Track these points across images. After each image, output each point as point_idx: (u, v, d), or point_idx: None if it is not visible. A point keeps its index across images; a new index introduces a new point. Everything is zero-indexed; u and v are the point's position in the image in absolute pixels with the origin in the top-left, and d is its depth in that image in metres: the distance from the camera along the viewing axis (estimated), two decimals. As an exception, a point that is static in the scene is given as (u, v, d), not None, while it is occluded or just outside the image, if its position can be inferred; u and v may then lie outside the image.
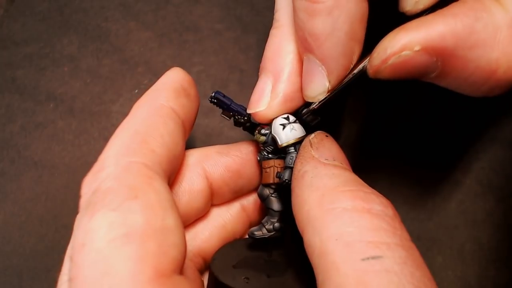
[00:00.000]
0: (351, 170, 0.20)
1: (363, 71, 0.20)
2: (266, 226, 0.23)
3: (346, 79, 0.21)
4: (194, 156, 0.25)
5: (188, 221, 0.25)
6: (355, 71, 0.21)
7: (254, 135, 0.25)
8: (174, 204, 0.20)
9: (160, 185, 0.19)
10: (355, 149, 0.33)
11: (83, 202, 0.20)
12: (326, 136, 0.23)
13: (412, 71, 0.18)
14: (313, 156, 0.21)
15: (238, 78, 0.35)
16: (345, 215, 0.17)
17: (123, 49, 0.36)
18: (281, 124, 0.23)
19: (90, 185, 0.19)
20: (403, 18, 0.19)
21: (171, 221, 0.19)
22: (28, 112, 0.35)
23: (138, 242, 0.17)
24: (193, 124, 0.25)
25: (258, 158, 0.25)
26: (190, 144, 0.33)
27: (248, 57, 0.36)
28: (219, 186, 0.25)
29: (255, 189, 0.27)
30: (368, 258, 0.15)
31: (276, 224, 0.23)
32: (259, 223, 0.25)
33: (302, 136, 0.23)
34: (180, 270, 0.19)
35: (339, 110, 0.26)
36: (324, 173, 0.19)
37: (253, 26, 0.36)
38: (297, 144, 0.23)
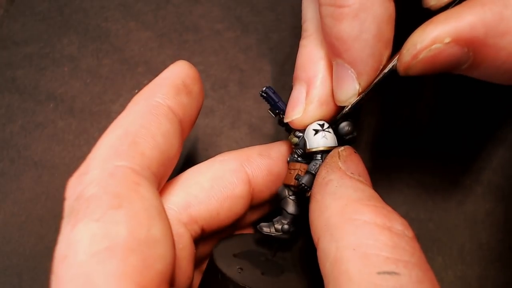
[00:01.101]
0: (372, 187, 0.20)
1: (393, 70, 0.20)
2: (276, 225, 0.23)
3: (376, 80, 0.21)
4: (236, 159, 0.25)
5: (226, 225, 0.24)
6: (385, 71, 0.21)
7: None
8: (163, 211, 0.19)
9: (147, 192, 0.19)
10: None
11: (66, 206, 0.19)
12: (355, 152, 0.23)
13: (444, 64, 0.18)
14: (340, 168, 0.21)
15: (238, 78, 0.35)
16: (366, 228, 0.17)
17: (123, 49, 0.36)
18: (314, 129, 0.23)
19: (74, 188, 0.19)
20: (428, 14, 0.19)
21: (157, 231, 0.18)
22: (28, 112, 0.35)
23: (121, 257, 0.16)
24: (194, 123, 0.24)
25: (288, 159, 0.25)
26: (189, 144, 0.33)
27: (248, 57, 0.36)
28: (260, 190, 0.25)
29: None
30: (384, 273, 0.15)
31: (286, 226, 0.23)
32: (267, 215, 0.25)
33: (332, 146, 0.23)
34: (168, 282, 0.18)
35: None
36: (349, 184, 0.19)
37: (253, 26, 0.36)
38: (325, 152, 0.23)
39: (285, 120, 0.24)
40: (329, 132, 0.23)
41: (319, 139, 0.22)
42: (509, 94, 0.34)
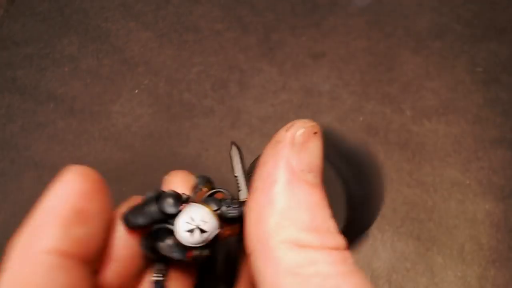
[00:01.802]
0: (321, 186, 0.18)
1: None
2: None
3: None
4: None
5: None
6: None
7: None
8: None
9: None
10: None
11: None
12: (315, 133, 0.18)
13: None
14: (289, 165, 0.17)
15: (238, 78, 0.35)
16: (304, 252, 0.16)
17: (123, 49, 0.36)
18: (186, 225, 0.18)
19: None
20: None
21: None
22: (28, 112, 0.35)
23: None
24: (103, 245, 0.19)
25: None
26: (190, 144, 0.33)
27: (248, 57, 0.36)
28: None
29: None
30: None
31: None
32: None
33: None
34: None
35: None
36: (294, 192, 0.17)
37: (253, 26, 0.36)
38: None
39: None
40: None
41: (182, 232, 0.18)
42: (509, 94, 0.34)
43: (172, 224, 0.18)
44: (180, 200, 0.18)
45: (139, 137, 0.34)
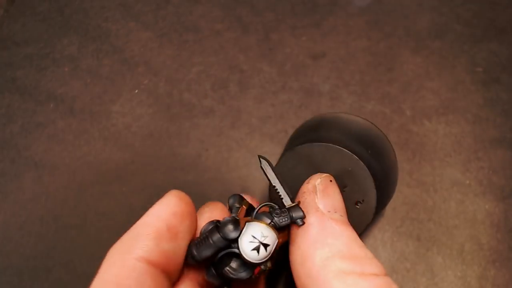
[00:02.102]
0: (348, 223, 0.21)
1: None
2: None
3: None
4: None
5: None
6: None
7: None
8: None
9: None
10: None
11: None
12: (331, 181, 0.22)
13: None
14: (318, 208, 0.21)
15: (238, 78, 0.35)
16: (349, 279, 0.18)
17: (123, 49, 0.36)
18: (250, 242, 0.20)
19: None
20: None
21: None
22: (28, 112, 0.35)
23: None
24: (183, 264, 0.21)
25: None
26: (190, 144, 0.33)
27: (248, 57, 0.36)
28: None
29: None
30: None
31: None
32: None
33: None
34: None
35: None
36: (328, 231, 0.20)
37: (253, 26, 0.36)
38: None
39: None
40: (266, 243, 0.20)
41: (249, 251, 0.20)
42: (509, 94, 0.34)
43: (236, 248, 0.19)
44: (238, 224, 0.20)
45: (139, 137, 0.34)
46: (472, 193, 0.31)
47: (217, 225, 0.20)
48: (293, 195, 0.22)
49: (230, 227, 0.19)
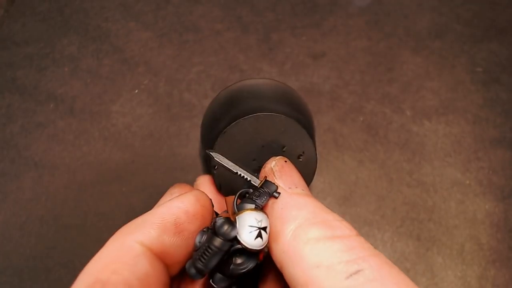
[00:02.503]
0: (311, 195, 0.21)
1: None
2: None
3: None
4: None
5: None
6: None
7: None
8: None
9: None
10: (353, 148, 0.33)
11: None
12: (285, 161, 0.23)
13: None
14: (278, 186, 0.21)
15: (238, 78, 0.35)
16: (320, 245, 0.19)
17: (123, 49, 0.36)
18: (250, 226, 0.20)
19: None
20: None
21: None
22: (28, 112, 0.35)
23: None
24: (185, 261, 0.21)
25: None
26: (190, 144, 0.33)
27: (248, 57, 0.36)
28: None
29: None
30: (351, 275, 0.17)
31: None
32: None
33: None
34: None
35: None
36: (292, 204, 0.20)
37: (253, 26, 0.36)
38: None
39: None
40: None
41: (253, 241, 0.20)
42: (509, 94, 0.34)
43: (238, 244, 0.20)
44: (232, 221, 0.20)
45: (139, 137, 0.34)
46: (472, 193, 0.31)
47: (213, 232, 0.20)
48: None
49: (227, 227, 0.19)
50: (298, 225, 0.19)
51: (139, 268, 0.19)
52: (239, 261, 0.20)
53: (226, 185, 0.25)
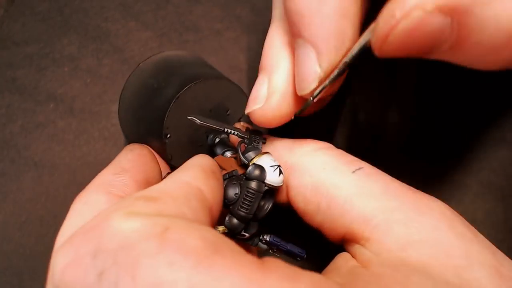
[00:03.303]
0: None
1: (363, 51, 0.17)
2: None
3: (342, 64, 0.18)
4: None
5: None
6: (353, 51, 0.18)
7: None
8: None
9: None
10: (353, 148, 0.33)
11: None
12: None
13: (424, 40, 0.15)
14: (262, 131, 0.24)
15: (238, 78, 0.35)
16: (319, 153, 0.21)
17: (123, 49, 0.36)
18: (272, 166, 0.21)
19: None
20: None
21: None
22: (28, 112, 0.35)
23: None
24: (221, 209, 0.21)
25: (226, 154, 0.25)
26: (190, 144, 0.33)
27: (248, 57, 0.36)
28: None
29: None
30: (355, 170, 0.20)
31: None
32: None
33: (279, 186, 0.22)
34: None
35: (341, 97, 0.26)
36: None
37: (253, 26, 0.36)
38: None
39: (246, 111, 0.23)
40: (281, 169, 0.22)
41: (277, 178, 0.21)
42: (508, 93, 0.34)
43: (267, 185, 0.21)
44: (260, 165, 0.21)
45: (139, 137, 0.34)
46: (472, 193, 0.31)
47: (246, 179, 0.21)
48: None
49: (259, 170, 0.21)
50: (293, 144, 0.22)
51: (197, 208, 0.18)
52: (262, 203, 0.22)
53: (177, 155, 0.26)
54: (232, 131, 0.23)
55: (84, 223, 0.15)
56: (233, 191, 0.21)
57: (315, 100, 0.20)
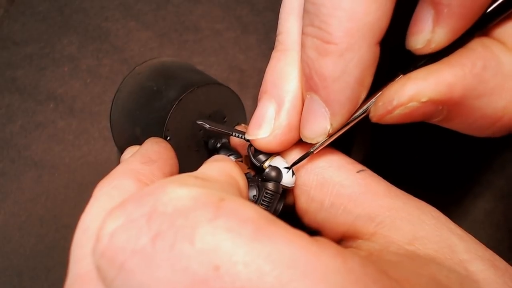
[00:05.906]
0: None
1: (365, 115, 0.20)
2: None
3: (347, 124, 0.20)
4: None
5: None
6: (356, 114, 0.20)
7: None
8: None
9: None
10: (353, 150, 0.33)
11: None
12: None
13: (417, 118, 0.19)
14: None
15: (238, 78, 0.35)
16: (323, 153, 0.22)
17: (123, 49, 0.36)
18: (285, 168, 0.22)
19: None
20: (408, 58, 0.19)
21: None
22: (28, 112, 0.35)
23: None
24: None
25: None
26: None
27: (248, 57, 0.36)
28: None
29: None
30: (359, 171, 0.21)
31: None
32: None
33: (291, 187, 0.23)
34: None
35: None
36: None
37: (253, 26, 0.36)
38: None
39: (248, 137, 0.22)
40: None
41: (291, 179, 0.22)
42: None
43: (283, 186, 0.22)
44: (276, 166, 0.22)
45: (139, 137, 0.34)
46: (472, 193, 0.31)
47: (263, 180, 0.22)
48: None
49: (275, 172, 0.21)
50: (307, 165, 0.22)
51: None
52: (281, 206, 0.22)
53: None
54: (241, 135, 0.24)
55: (114, 205, 0.15)
56: (251, 193, 0.22)
57: (315, 152, 0.21)
